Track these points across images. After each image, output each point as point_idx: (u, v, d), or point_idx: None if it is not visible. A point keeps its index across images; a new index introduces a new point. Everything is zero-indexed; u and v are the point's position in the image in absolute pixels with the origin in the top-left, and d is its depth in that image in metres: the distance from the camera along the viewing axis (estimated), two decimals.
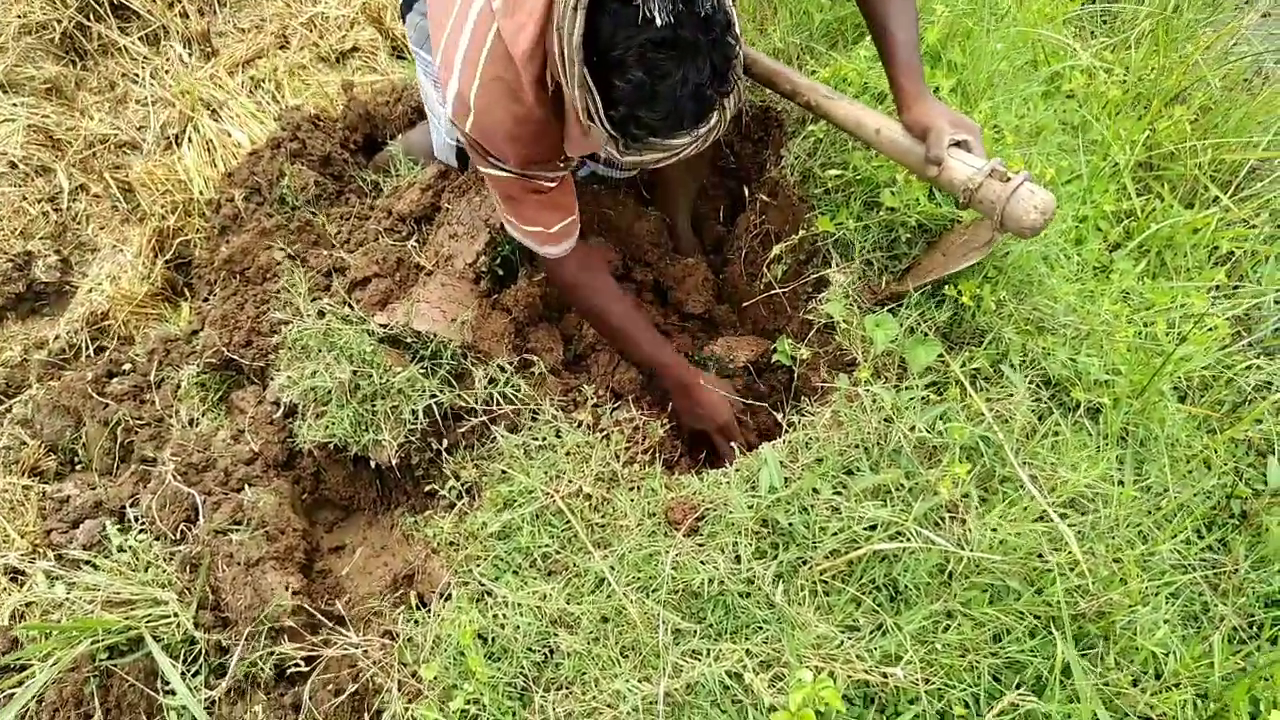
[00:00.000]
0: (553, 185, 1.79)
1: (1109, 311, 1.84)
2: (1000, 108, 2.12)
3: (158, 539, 1.87)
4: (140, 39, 3.26)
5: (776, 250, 2.03)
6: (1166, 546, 1.56)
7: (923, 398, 1.65)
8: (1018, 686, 1.40)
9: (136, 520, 1.94)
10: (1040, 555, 1.46)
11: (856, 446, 1.63)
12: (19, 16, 3.11)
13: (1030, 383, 1.69)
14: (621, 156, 1.43)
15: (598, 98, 1.34)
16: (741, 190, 2.34)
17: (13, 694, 1.64)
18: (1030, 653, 1.42)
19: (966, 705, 1.38)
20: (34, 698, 1.64)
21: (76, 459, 2.29)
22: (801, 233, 1.99)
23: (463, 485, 1.84)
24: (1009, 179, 1.49)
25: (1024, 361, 1.73)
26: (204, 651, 1.70)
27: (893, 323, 1.72)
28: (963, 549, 1.44)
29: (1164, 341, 1.86)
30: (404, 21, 2.14)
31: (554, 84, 1.48)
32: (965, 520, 1.49)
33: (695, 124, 1.38)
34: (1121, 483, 1.63)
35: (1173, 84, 2.63)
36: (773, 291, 2.10)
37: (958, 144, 1.58)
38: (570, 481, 1.72)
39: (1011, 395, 1.63)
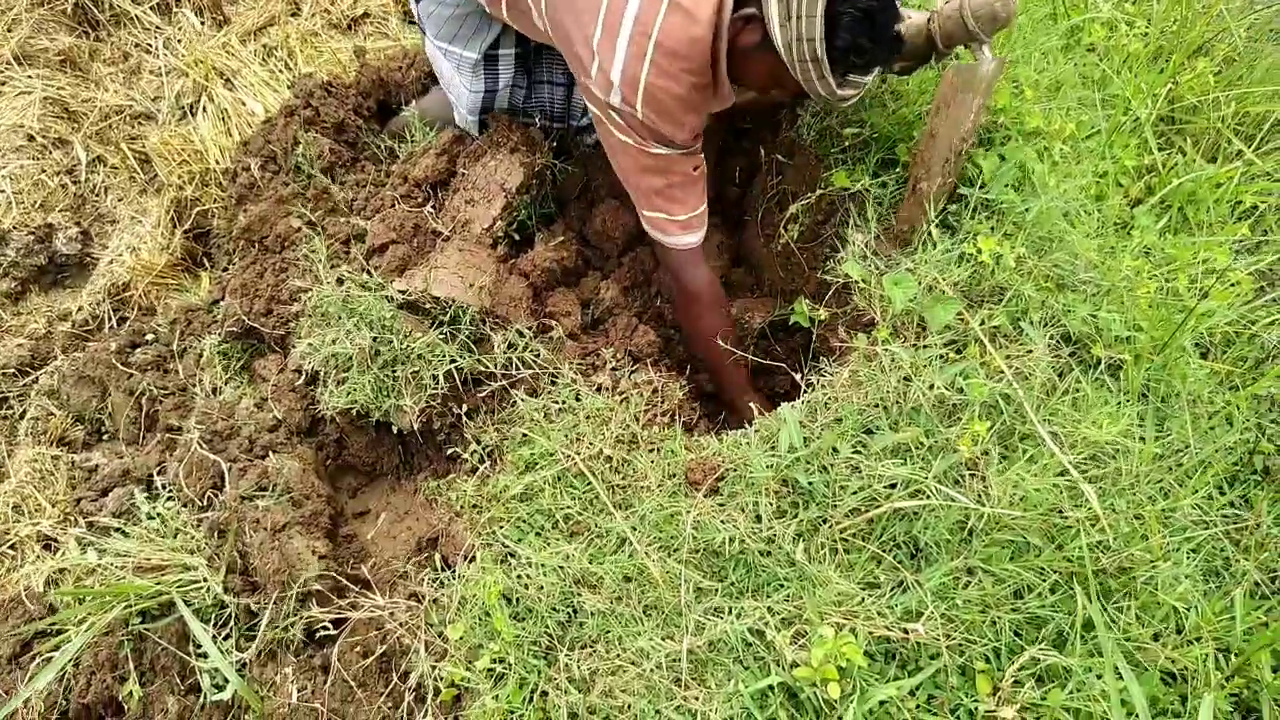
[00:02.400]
0: (702, 156, 1.92)
1: (1130, 267, 1.82)
2: (1019, 62, 2.09)
3: (185, 506, 1.90)
4: (152, 8, 3.25)
5: (793, 209, 2.02)
6: (1188, 502, 1.55)
7: (942, 356, 1.65)
8: (1039, 641, 1.40)
9: (164, 488, 1.97)
10: (1061, 511, 1.47)
11: (876, 405, 1.63)
12: None
13: (1050, 340, 1.68)
14: (838, 89, 1.61)
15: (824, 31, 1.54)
16: (757, 152, 2.33)
17: (51, 657, 1.68)
18: (1051, 608, 1.42)
19: (987, 660, 1.39)
20: (71, 660, 1.67)
21: (103, 429, 2.32)
22: (819, 191, 1.97)
23: (484, 449, 1.86)
24: None
25: (1044, 318, 1.72)
26: (234, 615, 1.73)
27: (911, 281, 1.71)
28: (983, 506, 1.45)
29: (1186, 297, 1.85)
30: (416, 11, 2.14)
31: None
32: (985, 477, 1.49)
33: (887, 60, 1.62)
34: (1142, 439, 1.63)
35: (1195, 36, 2.59)
36: (790, 252, 2.09)
37: None
38: (591, 444, 1.73)
39: (1031, 352, 1.63)
